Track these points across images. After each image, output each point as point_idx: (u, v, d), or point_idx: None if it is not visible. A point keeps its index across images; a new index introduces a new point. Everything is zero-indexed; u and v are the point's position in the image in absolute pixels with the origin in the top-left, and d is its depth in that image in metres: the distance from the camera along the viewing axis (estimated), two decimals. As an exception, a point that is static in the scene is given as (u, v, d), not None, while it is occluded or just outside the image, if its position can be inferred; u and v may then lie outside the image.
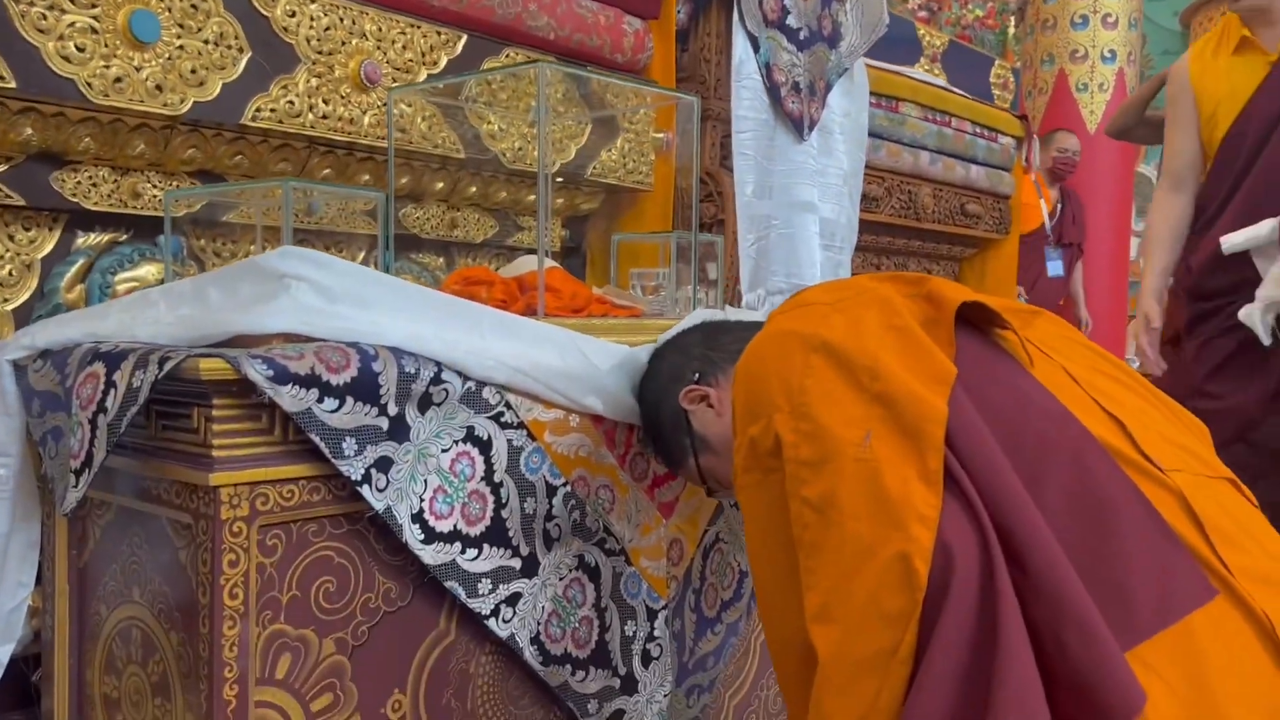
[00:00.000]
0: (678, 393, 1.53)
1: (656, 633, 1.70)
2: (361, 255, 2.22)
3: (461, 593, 1.44)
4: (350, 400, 1.30)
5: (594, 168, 2.50)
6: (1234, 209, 2.54)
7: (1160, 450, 1.17)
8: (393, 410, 1.35)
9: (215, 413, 1.25)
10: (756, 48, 2.76)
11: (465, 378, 1.43)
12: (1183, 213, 2.71)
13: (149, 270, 1.92)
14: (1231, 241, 2.48)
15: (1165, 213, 2.72)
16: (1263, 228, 2.44)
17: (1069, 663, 0.98)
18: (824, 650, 1.07)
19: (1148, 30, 12.30)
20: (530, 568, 1.53)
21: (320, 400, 1.27)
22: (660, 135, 2.58)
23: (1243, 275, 2.47)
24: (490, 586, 1.48)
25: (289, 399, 1.24)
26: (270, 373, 1.23)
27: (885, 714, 1.03)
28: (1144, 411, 1.24)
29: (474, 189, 2.36)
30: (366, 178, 2.15)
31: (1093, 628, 0.99)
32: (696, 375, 1.52)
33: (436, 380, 1.39)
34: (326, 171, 2.09)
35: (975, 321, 1.25)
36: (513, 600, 1.50)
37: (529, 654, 1.53)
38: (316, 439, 1.28)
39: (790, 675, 1.19)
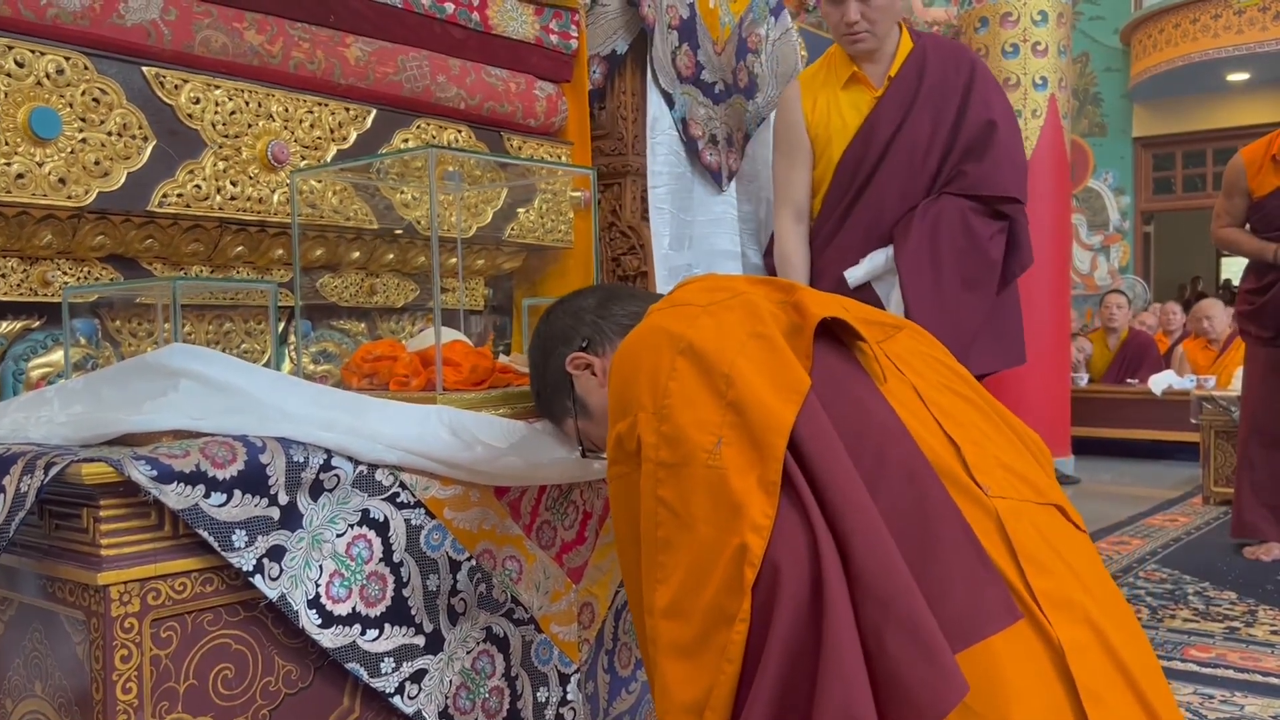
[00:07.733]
0: (565, 356, 1.54)
1: (569, 696, 1.73)
2: (281, 326, 2.25)
3: (363, 673, 1.47)
4: (239, 493, 1.33)
5: (512, 228, 2.55)
6: (846, 233, 2.57)
7: (990, 474, 1.22)
8: (283, 500, 1.38)
9: (103, 513, 1.28)
10: (671, 104, 2.83)
11: (356, 462, 1.46)
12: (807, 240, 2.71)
13: (63, 355, 1.95)
14: (854, 275, 2.51)
15: (795, 243, 2.67)
16: (879, 257, 2.49)
17: (886, 663, 1.02)
18: (670, 642, 1.12)
19: (1090, 48, 12.59)
20: (435, 644, 1.56)
21: (207, 495, 1.30)
22: (578, 194, 2.63)
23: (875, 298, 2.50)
24: (393, 665, 1.50)
25: (174, 497, 1.27)
26: (154, 473, 1.26)
27: (718, 711, 1.08)
28: (985, 434, 1.29)
29: (391, 255, 2.40)
30: (280, 252, 2.18)
31: (919, 627, 1.02)
32: (585, 343, 1.53)
33: (327, 467, 1.43)
34: (239, 249, 2.12)
35: (838, 333, 1.30)
36: (418, 677, 1.53)
37: (436, 727, 1.56)
38: (205, 534, 1.31)
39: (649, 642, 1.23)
